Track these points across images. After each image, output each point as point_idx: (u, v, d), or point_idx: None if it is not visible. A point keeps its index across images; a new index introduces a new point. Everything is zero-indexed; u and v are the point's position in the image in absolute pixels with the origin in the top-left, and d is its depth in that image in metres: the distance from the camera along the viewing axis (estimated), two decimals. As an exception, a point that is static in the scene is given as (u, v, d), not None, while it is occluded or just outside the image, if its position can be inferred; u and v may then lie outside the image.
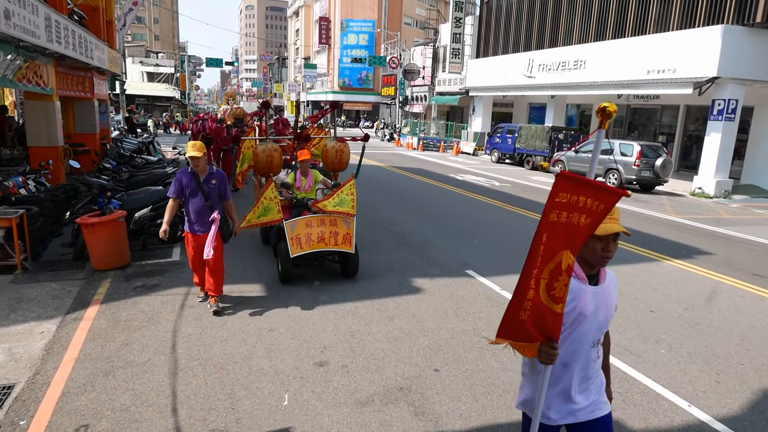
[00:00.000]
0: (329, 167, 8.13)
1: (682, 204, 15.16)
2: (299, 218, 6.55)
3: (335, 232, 6.57)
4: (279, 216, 6.42)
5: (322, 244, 6.50)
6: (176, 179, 5.55)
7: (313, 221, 6.55)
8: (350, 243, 6.60)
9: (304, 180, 7.39)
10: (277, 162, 7.19)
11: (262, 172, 7.29)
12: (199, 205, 5.55)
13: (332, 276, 7.11)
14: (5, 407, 3.90)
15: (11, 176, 8.59)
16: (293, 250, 6.37)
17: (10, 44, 7.73)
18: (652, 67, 18.48)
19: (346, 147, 7.90)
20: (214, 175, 5.62)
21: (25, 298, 6.03)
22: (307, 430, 3.72)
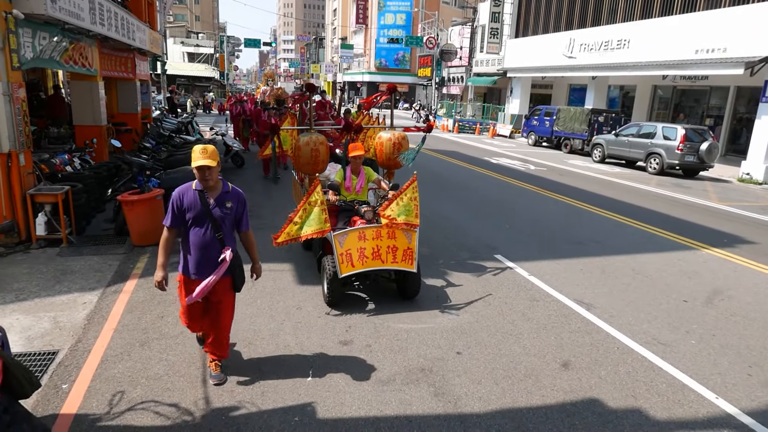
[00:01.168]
0: (384, 164, 7.02)
1: (728, 190, 14.56)
2: (351, 230, 5.42)
3: (393, 247, 5.45)
4: (327, 227, 5.27)
5: (378, 262, 5.39)
6: (174, 199, 3.84)
7: (367, 233, 5.40)
8: (412, 260, 5.47)
9: (355, 179, 6.28)
10: (323, 157, 6.16)
11: (305, 169, 6.25)
12: (204, 237, 3.84)
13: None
14: (50, 371, 4.17)
15: (58, 154, 9.00)
16: (343, 268, 5.27)
17: (56, 27, 8.02)
18: (700, 46, 17.65)
19: (406, 140, 6.72)
20: (230, 195, 3.93)
21: (69, 270, 6.36)
22: (329, 406, 3.84)
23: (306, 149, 6.08)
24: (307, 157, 6.14)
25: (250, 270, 4.21)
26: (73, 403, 3.77)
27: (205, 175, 3.71)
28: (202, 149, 3.70)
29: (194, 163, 3.66)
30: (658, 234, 9.13)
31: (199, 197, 3.79)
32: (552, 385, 4.23)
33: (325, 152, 6.13)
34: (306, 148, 6.07)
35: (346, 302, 5.67)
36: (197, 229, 3.82)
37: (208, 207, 3.80)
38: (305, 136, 6.05)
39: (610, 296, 6.21)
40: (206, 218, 3.81)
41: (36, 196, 7.08)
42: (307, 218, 5.26)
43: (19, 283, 5.89)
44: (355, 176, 6.32)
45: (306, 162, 6.18)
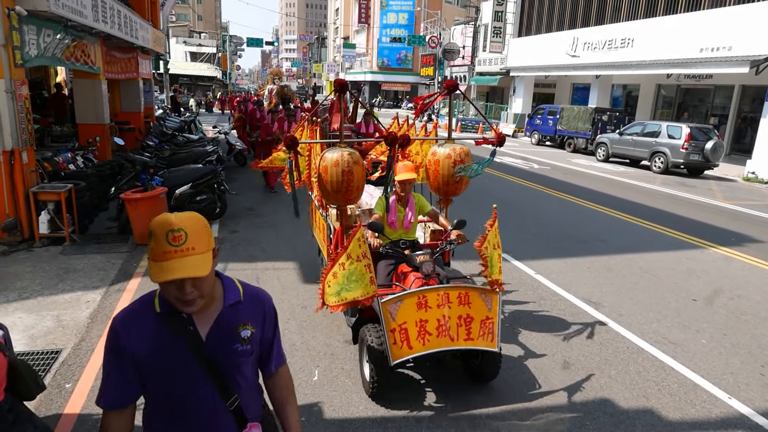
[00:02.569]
0: (439, 190, 4.95)
1: (733, 189, 14.47)
2: (407, 294, 3.75)
3: (468, 317, 3.78)
4: (373, 290, 3.67)
5: (445, 340, 3.70)
6: (112, 345, 1.73)
7: (430, 298, 3.74)
8: (493, 334, 3.83)
9: (403, 211, 4.66)
10: (359, 183, 4.26)
11: (334, 199, 4.37)
12: (198, 411, 1.75)
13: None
14: (53, 371, 4.12)
15: (61, 152, 8.96)
16: (396, 351, 3.63)
17: (59, 24, 7.97)
18: (705, 45, 17.55)
19: (469, 157, 4.79)
20: (245, 309, 1.80)
21: (72, 268, 6.32)
22: (336, 406, 3.78)
23: (335, 171, 4.11)
24: (336, 182, 4.13)
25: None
26: (77, 403, 3.73)
27: (185, 294, 1.57)
28: (171, 235, 1.51)
29: (158, 274, 1.51)
30: (665, 233, 9.06)
31: (170, 329, 1.69)
32: (561, 385, 4.16)
33: (361, 175, 4.24)
34: (335, 170, 4.10)
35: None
36: (180, 395, 1.73)
37: (201, 348, 1.71)
38: (333, 153, 4.17)
39: (618, 295, 6.14)
40: (198, 372, 1.71)
41: (39, 194, 7.03)
42: (348, 278, 3.61)
43: (22, 281, 5.85)
44: (403, 207, 4.66)
45: (335, 189, 4.18)
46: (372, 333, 3.86)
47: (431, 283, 3.95)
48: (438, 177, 4.83)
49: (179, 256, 1.52)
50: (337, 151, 4.20)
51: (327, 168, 4.16)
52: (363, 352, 4.05)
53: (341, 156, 4.14)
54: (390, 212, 4.63)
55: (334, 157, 4.15)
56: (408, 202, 4.69)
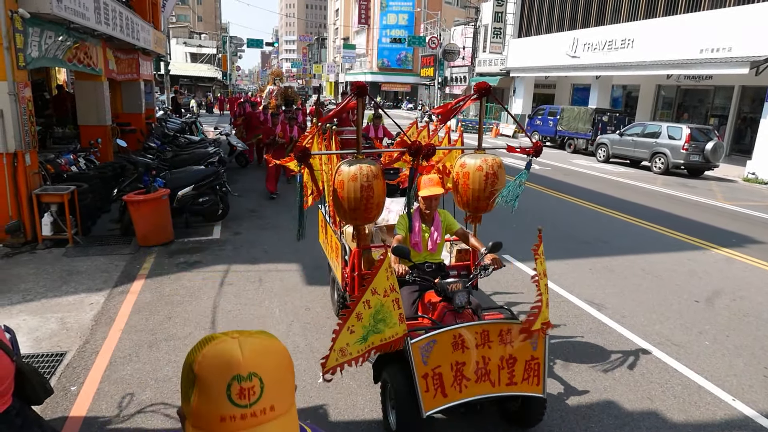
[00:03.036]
0: (469, 205, 4.33)
1: (733, 190, 14.48)
2: (440, 333, 3.16)
3: (510, 359, 3.26)
4: (403, 329, 3.10)
5: (485, 385, 3.22)
6: None
7: (467, 337, 3.19)
8: (539, 378, 3.32)
9: (428, 231, 4.17)
10: (379, 199, 3.81)
11: (351, 218, 3.91)
12: None
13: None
14: (57, 373, 4.13)
15: (63, 154, 8.97)
16: (429, 400, 3.11)
17: (62, 26, 7.98)
18: (705, 46, 17.57)
19: (503, 169, 4.26)
20: None
21: (75, 270, 6.32)
22: (341, 408, 3.79)
23: (352, 186, 3.66)
24: (354, 198, 3.69)
25: None
26: (82, 406, 3.73)
27: None
28: (237, 388, 0.90)
29: None
30: (666, 234, 9.07)
31: None
32: (566, 388, 4.17)
33: (382, 190, 3.80)
34: (352, 185, 3.66)
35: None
36: None
37: None
38: (350, 166, 3.70)
39: (620, 296, 6.15)
40: None
41: (42, 196, 7.05)
42: (372, 319, 2.98)
43: (26, 283, 5.85)
44: (427, 226, 4.18)
45: (353, 207, 3.73)
46: (399, 378, 3.24)
47: (465, 316, 3.45)
48: (467, 192, 4.20)
49: (251, 426, 0.91)
50: (354, 163, 3.72)
51: (343, 183, 3.68)
52: (387, 397, 3.48)
53: (359, 169, 3.66)
54: (413, 232, 4.13)
55: (351, 171, 3.66)
56: (433, 221, 4.18)
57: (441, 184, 4.23)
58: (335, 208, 3.96)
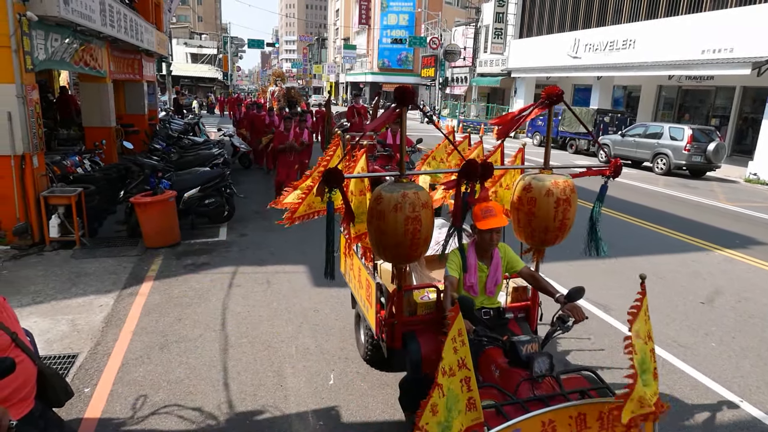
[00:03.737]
0: (534, 237, 3.58)
1: (735, 191, 14.52)
2: (525, 420, 2.22)
3: None
4: (477, 417, 2.21)
5: None
6: None
7: (560, 421, 2.27)
8: None
9: (485, 270, 3.41)
10: (427, 234, 3.12)
11: (392, 256, 3.20)
12: None
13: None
14: (70, 375, 4.16)
15: (69, 155, 9.00)
16: None
17: (68, 28, 8.02)
18: (707, 47, 17.60)
19: (575, 193, 3.50)
20: None
21: (84, 272, 6.36)
22: (353, 410, 3.83)
23: (395, 219, 2.95)
24: (398, 233, 2.97)
25: None
26: (97, 408, 3.77)
27: None
28: None
29: None
30: (669, 235, 9.11)
31: None
32: (575, 389, 4.20)
33: (431, 222, 3.09)
34: (395, 217, 2.94)
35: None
36: None
37: None
38: (393, 192, 2.97)
39: (626, 298, 6.18)
40: None
41: (49, 198, 7.08)
42: (447, 411, 2.20)
43: (35, 285, 5.89)
44: (485, 264, 3.39)
45: (396, 243, 3.02)
46: None
47: (545, 386, 2.65)
48: (532, 221, 3.44)
49: None
50: (396, 188, 2.98)
51: (384, 214, 2.95)
52: None
53: (403, 197, 2.92)
54: (468, 272, 3.33)
55: (394, 199, 2.93)
56: (492, 257, 3.39)
57: (504, 213, 3.34)
58: (372, 243, 3.25)
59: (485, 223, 3.20)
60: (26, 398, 2.39)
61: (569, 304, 3.07)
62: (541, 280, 3.41)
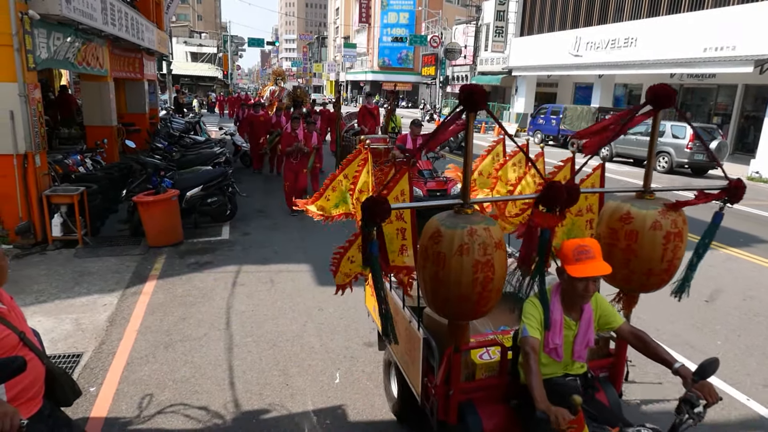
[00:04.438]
0: (632, 280, 2.80)
1: (738, 189, 14.48)
2: None
3: None
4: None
5: None
6: None
7: None
8: None
9: (573, 328, 2.61)
10: (500, 283, 2.38)
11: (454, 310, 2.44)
12: None
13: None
14: (75, 374, 4.15)
15: (70, 154, 8.99)
16: None
17: (70, 27, 8.00)
18: (709, 45, 17.57)
19: (687, 226, 2.83)
20: None
21: (87, 271, 6.35)
22: (360, 409, 3.82)
23: (460, 263, 2.26)
24: (462, 283, 2.29)
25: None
26: (102, 407, 3.76)
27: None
28: None
29: None
30: (673, 233, 9.08)
31: None
32: (581, 387, 4.19)
33: (504, 265, 2.39)
34: (459, 261, 2.25)
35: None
36: None
37: None
38: (455, 226, 2.28)
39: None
40: None
41: (52, 197, 7.07)
42: None
43: (38, 284, 5.88)
44: (573, 320, 2.60)
45: (459, 295, 2.33)
46: None
47: None
48: (631, 261, 2.68)
49: None
50: (461, 221, 2.26)
51: (444, 258, 2.23)
52: None
53: (471, 234, 2.21)
54: (553, 329, 2.50)
55: (459, 237, 2.20)
56: (582, 311, 2.58)
57: (600, 254, 2.44)
58: (425, 292, 2.46)
59: (581, 269, 2.38)
60: (35, 397, 2.38)
61: (702, 382, 2.25)
62: (650, 342, 2.57)
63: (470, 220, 2.29)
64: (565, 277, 2.47)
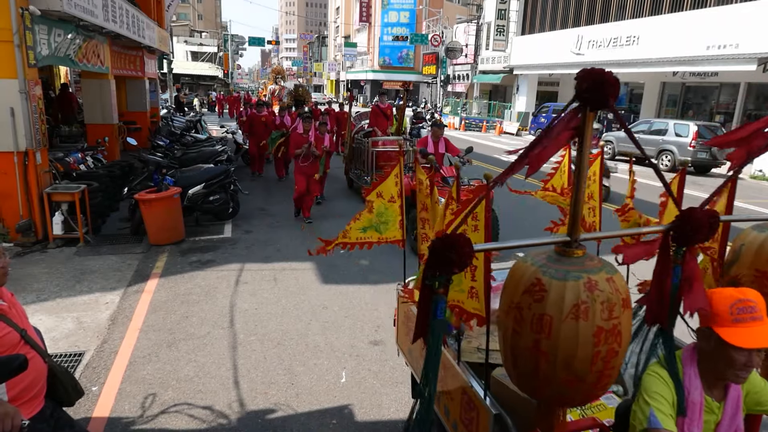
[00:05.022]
0: None
1: (741, 188, 14.41)
2: None
3: None
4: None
5: None
6: None
7: None
8: None
9: (717, 412, 1.82)
10: (621, 354, 1.59)
11: (562, 396, 1.67)
12: None
13: (379, 255, 7.02)
14: (77, 373, 4.08)
15: (71, 152, 8.93)
16: None
17: (71, 23, 7.93)
18: (712, 43, 17.49)
19: None
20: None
21: (88, 269, 6.28)
22: (367, 408, 3.75)
23: (574, 331, 1.51)
24: (577, 358, 1.53)
25: None
26: (105, 406, 3.69)
27: None
28: None
29: None
30: (678, 231, 9.02)
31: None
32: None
33: (629, 331, 1.62)
34: (573, 328, 1.51)
35: (371, 301, 5.56)
36: None
37: None
38: (565, 277, 1.55)
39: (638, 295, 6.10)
40: None
41: (53, 195, 6.99)
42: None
43: (39, 283, 5.81)
44: (717, 401, 1.84)
45: (569, 375, 1.57)
46: None
47: None
48: None
49: None
50: (572, 268, 1.60)
51: (550, 321, 1.55)
52: None
53: (591, 288, 1.54)
54: (691, 414, 1.79)
55: (572, 292, 1.54)
56: (727, 390, 1.86)
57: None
58: (514, 368, 1.72)
59: (745, 336, 1.67)
60: (37, 396, 2.32)
61: None
62: None
63: (584, 267, 1.59)
64: (714, 342, 1.72)
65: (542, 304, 1.55)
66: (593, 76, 1.52)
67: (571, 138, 1.61)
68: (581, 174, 1.66)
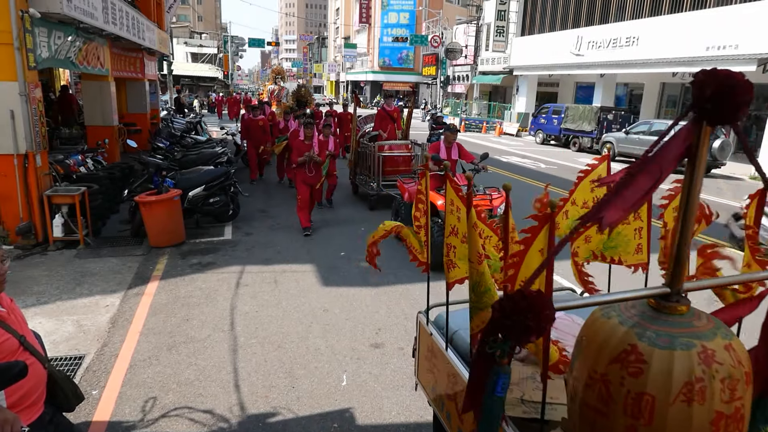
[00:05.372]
0: None
1: (741, 188, 14.42)
2: None
3: None
4: None
5: None
6: None
7: None
8: None
9: None
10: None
11: None
12: None
13: (381, 259, 7.01)
14: (77, 377, 4.07)
15: (71, 154, 8.91)
16: None
17: (71, 26, 7.92)
18: (711, 43, 17.49)
19: None
20: None
21: (88, 272, 6.27)
22: (368, 411, 3.74)
23: (686, 416, 1.14)
24: None
25: None
26: (105, 410, 3.68)
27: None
28: None
29: None
30: (679, 233, 9.00)
31: None
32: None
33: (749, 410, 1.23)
34: (685, 413, 1.14)
35: (372, 304, 5.56)
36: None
37: None
38: (673, 344, 1.17)
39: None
40: None
41: (53, 197, 6.99)
42: None
43: (39, 285, 5.80)
44: None
45: None
46: None
47: None
48: None
49: None
50: (674, 329, 1.23)
51: (652, 403, 1.15)
52: None
53: (708, 361, 1.15)
54: None
55: (684, 366, 1.14)
56: None
57: None
58: None
59: None
60: (36, 403, 2.31)
61: None
62: None
63: (694, 329, 1.23)
64: None
65: (641, 381, 1.17)
66: (719, 79, 1.12)
67: (682, 159, 1.26)
68: (691, 205, 1.23)
